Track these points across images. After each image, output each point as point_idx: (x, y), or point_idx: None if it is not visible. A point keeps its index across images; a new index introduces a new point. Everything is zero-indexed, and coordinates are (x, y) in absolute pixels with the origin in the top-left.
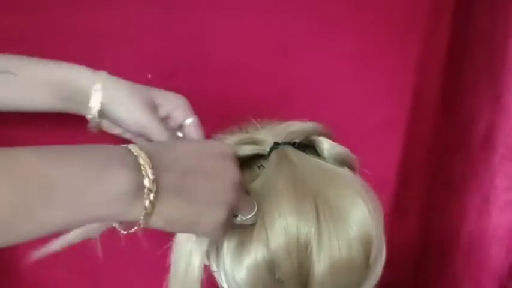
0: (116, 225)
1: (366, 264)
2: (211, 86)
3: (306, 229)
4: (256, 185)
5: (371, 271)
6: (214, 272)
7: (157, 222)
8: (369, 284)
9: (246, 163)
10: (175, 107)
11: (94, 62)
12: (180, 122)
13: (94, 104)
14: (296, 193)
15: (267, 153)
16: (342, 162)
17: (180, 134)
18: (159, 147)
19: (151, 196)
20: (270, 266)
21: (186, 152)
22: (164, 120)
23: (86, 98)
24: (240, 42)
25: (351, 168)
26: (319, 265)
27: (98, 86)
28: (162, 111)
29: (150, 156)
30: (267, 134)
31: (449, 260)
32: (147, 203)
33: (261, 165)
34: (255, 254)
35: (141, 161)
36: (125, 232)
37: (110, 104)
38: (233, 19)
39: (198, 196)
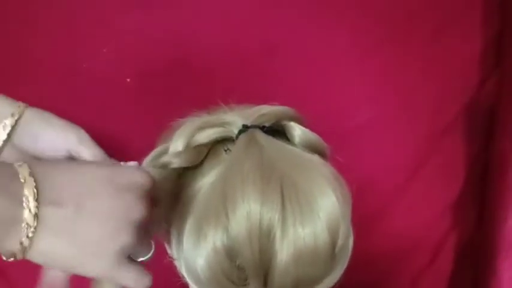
0: None
1: (332, 253)
2: (193, 86)
3: (270, 215)
4: (221, 169)
5: (336, 261)
6: (175, 260)
7: (34, 258)
8: (334, 275)
9: (212, 147)
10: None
11: (71, 65)
12: None
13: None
14: (262, 178)
15: (234, 136)
16: (312, 148)
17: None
18: (53, 171)
19: (30, 231)
20: (230, 253)
21: (83, 181)
22: None
23: None
24: (224, 38)
25: (322, 155)
26: (282, 253)
27: (15, 112)
28: None
29: (39, 184)
30: (236, 116)
31: None
32: (23, 238)
33: (228, 149)
34: (214, 239)
35: (25, 191)
36: (4, 258)
37: (27, 126)
38: (217, 15)
39: (85, 238)
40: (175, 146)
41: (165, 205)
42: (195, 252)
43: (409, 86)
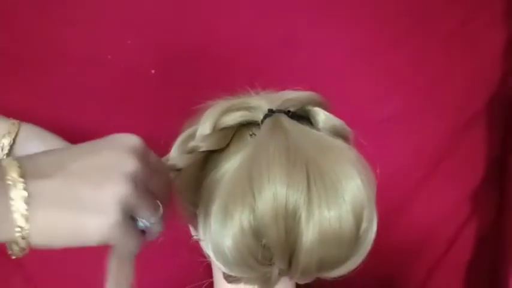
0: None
1: (356, 236)
2: (215, 78)
3: (296, 197)
4: (246, 152)
5: (360, 243)
6: (201, 240)
7: (37, 238)
8: (357, 257)
9: (238, 131)
10: None
11: (96, 57)
12: None
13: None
14: (288, 160)
15: (260, 120)
16: (336, 133)
17: None
18: (36, 154)
19: (22, 208)
20: (256, 233)
21: (66, 154)
22: None
23: None
24: (245, 31)
25: (346, 140)
26: (307, 234)
27: (11, 129)
28: None
29: (21, 163)
30: (261, 101)
31: None
32: (17, 216)
33: (253, 133)
34: (241, 219)
35: (9, 171)
36: (13, 257)
37: (24, 144)
38: (236, 10)
39: (79, 198)
40: (203, 129)
41: (191, 188)
42: (222, 232)
43: (432, 80)
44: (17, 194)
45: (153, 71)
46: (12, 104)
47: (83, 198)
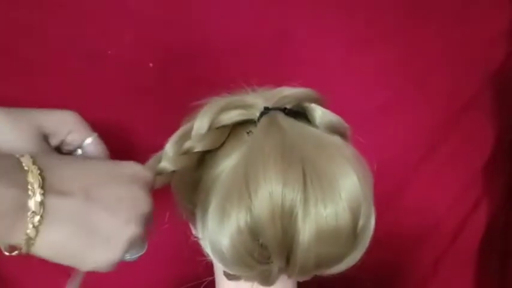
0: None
1: (353, 233)
2: (211, 71)
3: (292, 195)
4: (243, 151)
5: (358, 241)
6: (200, 239)
7: (40, 250)
8: (355, 254)
9: (234, 129)
10: (68, 131)
11: (96, 51)
12: (79, 145)
13: None
14: (283, 158)
15: (256, 118)
16: (333, 130)
17: (79, 152)
18: (59, 163)
19: (36, 220)
20: (253, 232)
21: (90, 173)
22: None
23: None
24: (240, 26)
25: (343, 136)
26: (304, 232)
27: None
28: (55, 141)
29: (43, 172)
30: (258, 99)
31: None
32: (29, 226)
33: (250, 131)
34: (237, 219)
35: (30, 178)
36: (6, 253)
37: None
38: (233, 6)
39: (95, 229)
40: (199, 128)
41: (189, 187)
42: (219, 232)
43: (427, 67)
44: (34, 205)
45: (151, 64)
46: (11, 100)
47: (98, 229)
